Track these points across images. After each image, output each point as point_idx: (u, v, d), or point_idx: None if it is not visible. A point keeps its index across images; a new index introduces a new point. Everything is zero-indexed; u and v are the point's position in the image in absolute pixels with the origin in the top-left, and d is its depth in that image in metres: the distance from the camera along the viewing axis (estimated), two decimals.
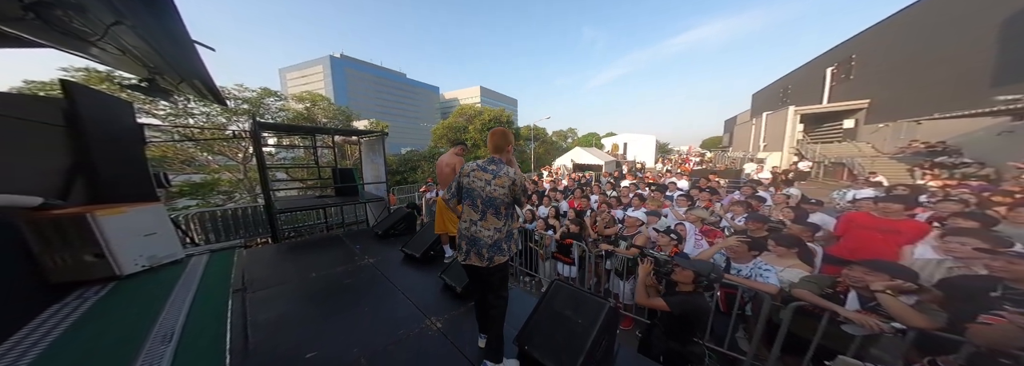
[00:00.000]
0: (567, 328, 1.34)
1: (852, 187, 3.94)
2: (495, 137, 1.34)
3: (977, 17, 8.00)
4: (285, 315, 1.83)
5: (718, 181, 5.15)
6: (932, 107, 8.02)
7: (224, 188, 7.84)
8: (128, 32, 1.30)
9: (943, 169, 6.66)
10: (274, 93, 9.72)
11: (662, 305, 1.51)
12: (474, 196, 1.30)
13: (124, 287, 1.71)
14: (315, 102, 11.28)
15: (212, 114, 8.00)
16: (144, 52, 1.58)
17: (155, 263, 1.95)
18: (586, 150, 16.95)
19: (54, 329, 1.29)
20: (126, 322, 1.37)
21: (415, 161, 16.61)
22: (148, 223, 1.93)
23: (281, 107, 9.96)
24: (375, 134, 4.72)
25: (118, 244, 1.74)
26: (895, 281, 1.29)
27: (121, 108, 2.45)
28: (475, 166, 1.32)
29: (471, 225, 1.29)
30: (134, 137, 2.47)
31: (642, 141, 22.70)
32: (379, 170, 4.80)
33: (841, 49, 13.72)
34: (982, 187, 3.41)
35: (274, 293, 2.11)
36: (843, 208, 3.24)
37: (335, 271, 2.51)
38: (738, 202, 2.85)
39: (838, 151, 11.43)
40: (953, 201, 2.27)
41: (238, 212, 4.50)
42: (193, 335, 1.31)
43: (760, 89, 22.82)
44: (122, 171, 2.25)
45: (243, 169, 8.57)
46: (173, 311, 1.48)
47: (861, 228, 2.10)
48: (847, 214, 2.40)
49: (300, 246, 3.42)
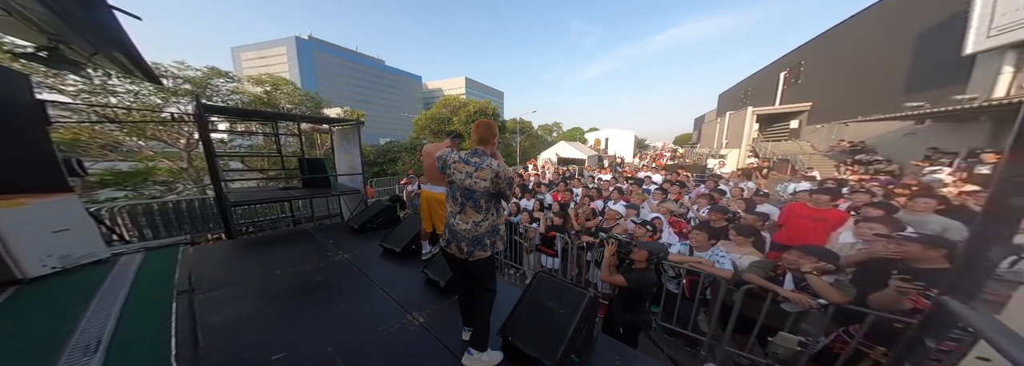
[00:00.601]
0: (550, 318, 1.38)
1: (792, 181, 4.50)
2: (480, 129, 1.29)
3: (894, 33, 9.30)
4: (244, 316, 1.67)
5: (687, 175, 5.58)
6: (858, 111, 9.30)
7: (162, 178, 6.72)
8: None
9: (860, 165, 7.88)
10: (225, 73, 8.40)
11: (621, 281, 1.73)
12: (454, 188, 1.26)
13: (29, 292, 1.44)
14: (277, 86, 10.02)
15: (142, 93, 6.73)
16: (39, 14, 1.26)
17: (69, 264, 1.66)
18: (571, 144, 17.32)
19: None
20: (34, 331, 1.15)
21: (395, 152, 15.79)
22: (57, 217, 1.62)
23: (234, 89, 8.67)
24: (349, 123, 4.34)
25: (18, 242, 1.45)
26: (819, 263, 1.50)
27: (11, 80, 1.95)
28: (457, 157, 1.27)
29: (451, 217, 1.29)
30: (31, 116, 2.00)
31: (622, 136, 23.76)
32: (354, 161, 4.47)
33: (793, 55, 15.27)
34: (888, 181, 4.08)
35: (230, 293, 1.92)
36: (785, 200, 3.69)
37: (304, 268, 2.34)
38: (703, 195, 3.12)
39: (784, 149, 12.94)
40: (863, 193, 2.71)
41: (181, 205, 3.96)
42: (126, 343, 1.15)
43: (725, 90, 24.78)
44: (15, 155, 1.84)
45: (187, 157, 7.44)
46: (98, 317, 1.28)
47: (798, 217, 2.43)
48: (788, 205, 2.76)
49: (261, 242, 3.12)
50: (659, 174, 6.32)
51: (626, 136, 23.89)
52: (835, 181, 3.83)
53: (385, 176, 11.84)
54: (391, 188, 9.35)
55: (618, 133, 24.28)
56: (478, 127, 1.30)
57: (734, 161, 12.71)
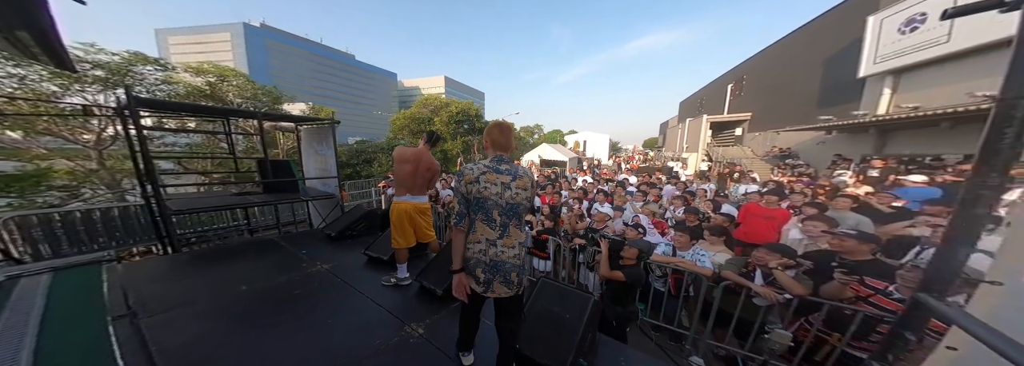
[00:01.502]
0: (555, 323, 1.39)
1: (741, 182, 5.20)
2: (504, 132, 1.11)
3: (810, 55, 11.44)
4: (211, 337, 1.44)
5: (660, 178, 6.12)
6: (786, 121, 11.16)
7: (61, 181, 5.32)
8: None
9: (787, 168, 9.43)
10: (154, 60, 6.98)
11: (619, 276, 1.87)
12: (488, 207, 1.03)
13: None
14: (224, 77, 8.66)
15: (30, 78, 5.32)
16: None
17: None
18: (553, 146, 17.89)
19: None
20: None
21: (370, 153, 14.70)
22: None
23: (164, 79, 7.26)
24: (323, 122, 3.95)
25: None
26: (783, 259, 1.68)
27: None
28: (484, 168, 1.05)
29: (489, 246, 1.03)
30: None
31: (598, 139, 25.15)
32: (327, 163, 4.07)
33: (738, 70, 17.84)
34: (808, 182, 4.92)
35: (183, 314, 1.63)
36: (737, 200, 4.26)
37: (278, 281, 2.07)
38: (677, 197, 3.46)
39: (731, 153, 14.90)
40: (799, 194, 3.23)
41: (94, 214, 3.23)
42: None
43: (685, 98, 27.80)
44: None
45: (97, 156, 6.02)
46: (5, 350, 0.99)
47: (753, 216, 2.77)
48: (745, 205, 3.17)
49: (212, 254, 2.70)
50: (633, 176, 6.83)
51: (602, 139, 25.37)
52: (776, 183, 4.51)
53: (358, 178, 10.94)
54: (366, 191, 8.68)
55: (595, 136, 25.68)
56: (500, 130, 1.12)
57: (692, 164, 14.25)
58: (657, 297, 2.25)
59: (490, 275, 1.03)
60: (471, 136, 18.22)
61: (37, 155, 5.42)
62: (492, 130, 1.15)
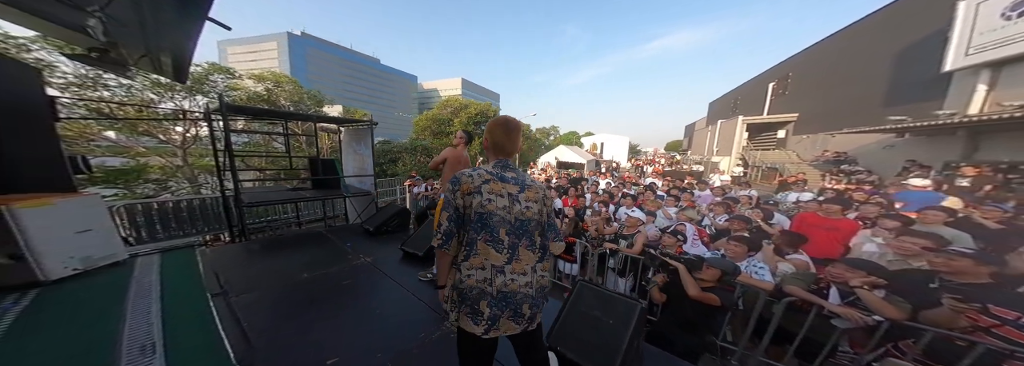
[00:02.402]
0: (597, 328, 1.37)
1: (792, 189, 4.70)
2: (510, 133, 0.89)
3: (877, 48, 9.94)
4: (286, 320, 1.62)
5: (691, 182, 5.75)
6: (843, 122, 9.86)
7: (155, 176, 6.41)
8: (125, 5, 0.99)
9: (842, 175, 8.31)
10: (226, 69, 8.19)
11: (714, 299, 1.58)
12: (494, 225, 0.81)
13: (52, 295, 1.36)
14: (279, 83, 9.81)
15: (135, 87, 6.45)
16: (127, 24, 1.21)
17: (90, 266, 1.58)
18: (570, 148, 17.62)
19: None
20: (74, 335, 1.09)
21: (395, 152, 15.57)
22: (81, 217, 1.55)
23: (232, 86, 8.43)
24: (363, 124, 4.29)
25: (43, 243, 1.37)
26: (870, 277, 1.46)
27: (27, 75, 1.87)
28: (486, 175, 0.84)
29: (496, 274, 0.81)
30: (43, 112, 1.91)
31: (617, 142, 24.30)
32: (364, 162, 4.40)
33: (782, 67, 16.14)
34: (871, 191, 4.30)
35: (262, 296, 1.85)
36: (788, 209, 3.85)
37: (330, 271, 2.27)
38: (718, 203, 3.22)
39: (773, 157, 13.54)
40: (873, 204, 2.77)
41: (181, 204, 3.78)
42: (180, 344, 1.10)
43: (716, 98, 25.83)
44: (31, 153, 1.75)
45: (183, 154, 7.13)
46: (139, 320, 1.22)
47: (810, 226, 2.49)
48: (800, 214, 2.83)
49: (274, 244, 3.01)
50: (659, 180, 6.49)
51: (621, 141, 24.47)
52: (834, 191, 4.01)
53: (386, 177, 11.64)
54: (392, 189, 9.18)
55: (613, 138, 24.86)
56: (505, 130, 0.88)
57: (726, 168, 13.18)
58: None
59: (497, 310, 0.81)
60: None
61: (138, 153, 6.56)
62: (494, 128, 0.90)
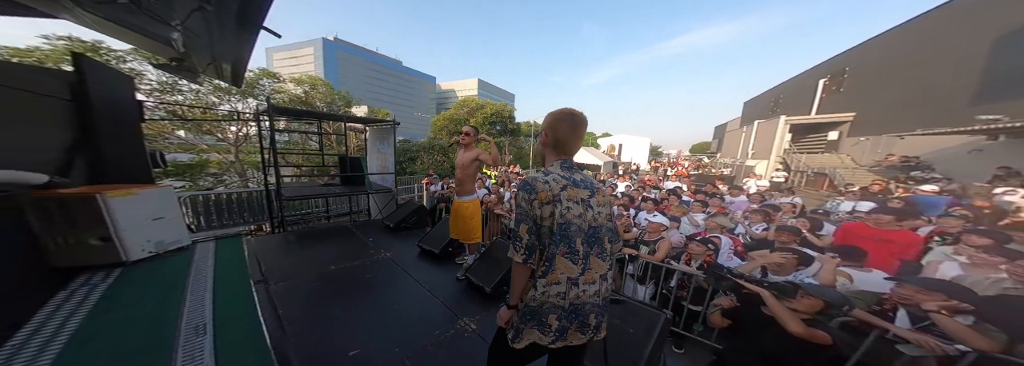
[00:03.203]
0: (616, 337, 1.31)
1: (844, 197, 4.14)
2: (577, 129, 0.80)
3: (960, 36, 8.44)
4: (314, 309, 1.74)
5: (721, 187, 5.31)
6: (914, 123, 8.49)
7: (213, 170, 7.40)
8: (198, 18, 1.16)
9: (911, 182, 7.12)
10: (273, 74, 9.22)
11: (826, 338, 1.18)
12: (572, 235, 0.75)
13: (132, 274, 1.58)
14: (315, 86, 10.75)
15: (202, 92, 7.47)
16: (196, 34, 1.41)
17: (161, 249, 1.82)
18: (586, 149, 17.20)
19: (71, 318, 1.17)
20: (147, 312, 1.26)
21: (413, 151, 16.27)
22: (157, 206, 1.79)
23: (277, 89, 9.42)
24: (387, 123, 4.53)
25: (127, 228, 1.60)
26: (951, 301, 1.24)
27: (123, 83, 2.23)
28: (561, 180, 0.77)
29: (570, 287, 0.75)
30: (133, 114, 2.26)
31: (636, 143, 23.28)
32: (387, 160, 4.63)
33: (836, 61, 14.28)
34: (952, 201, 3.64)
35: (296, 285, 2.00)
36: (841, 218, 3.40)
37: (354, 264, 2.41)
38: (756, 211, 2.93)
39: (821, 162, 12.05)
40: (954, 217, 2.36)
41: (231, 197, 4.25)
42: (225, 327, 1.23)
43: (752, 97, 23.60)
44: (122, 150, 2.06)
45: (235, 151, 8.12)
46: (195, 302, 1.38)
47: (857, 238, 2.18)
48: (845, 224, 2.49)
49: (307, 235, 3.27)
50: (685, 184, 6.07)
51: (641, 142, 23.39)
52: (898, 200, 3.46)
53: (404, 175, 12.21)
54: (410, 187, 9.56)
55: (632, 139, 23.85)
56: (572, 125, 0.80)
57: (764, 172, 11.99)
58: None
59: (566, 323, 0.76)
60: (503, 137, 18.64)
61: (201, 149, 7.57)
62: (558, 123, 0.80)
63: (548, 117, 0.83)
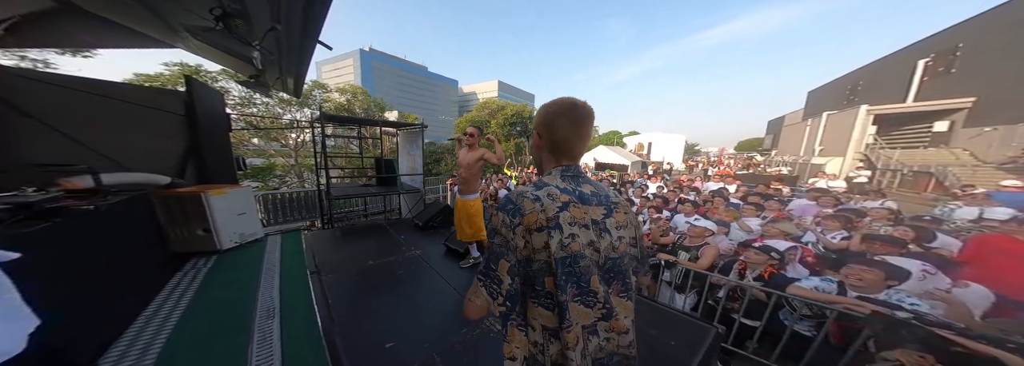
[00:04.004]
0: (651, 347, 1.22)
1: (962, 201, 3.25)
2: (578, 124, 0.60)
3: None
4: (356, 301, 1.88)
5: (779, 188, 4.57)
6: None
7: (278, 172, 8.79)
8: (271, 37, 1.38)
9: None
10: (322, 85, 10.61)
11: None
12: (581, 271, 0.55)
13: (224, 261, 1.90)
14: (355, 94, 12.05)
15: (271, 104, 8.90)
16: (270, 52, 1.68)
17: (244, 240, 2.15)
18: (610, 148, 16.33)
19: (185, 295, 1.45)
20: (232, 295, 1.51)
21: (438, 153, 17.15)
22: (241, 203, 2.13)
23: (325, 98, 10.81)
24: (416, 127, 4.83)
25: (222, 221, 1.94)
26: None
27: (217, 99, 2.74)
28: (560, 194, 0.57)
29: (589, 335, 0.56)
30: (224, 125, 2.75)
31: (669, 141, 21.41)
32: (416, 162, 4.93)
33: (941, 38, 11.43)
34: None
35: (341, 278, 2.19)
36: (961, 228, 2.67)
37: (388, 261, 2.57)
38: (832, 216, 2.46)
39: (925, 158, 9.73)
40: None
41: (292, 195, 4.90)
42: (288, 312, 1.41)
43: (819, 86, 20.05)
44: (217, 155, 2.52)
45: (294, 155, 9.50)
46: (267, 288, 1.60)
47: (1000, 254, 1.70)
48: (978, 236, 1.97)
49: (349, 232, 3.58)
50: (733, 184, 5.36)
51: (674, 140, 21.40)
52: None
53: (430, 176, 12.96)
54: (436, 187, 10.04)
55: (664, 137, 21.96)
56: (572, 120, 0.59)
57: (834, 171, 10.08)
58: (797, 343, 1.58)
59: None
60: (524, 138, 18.58)
61: (269, 154, 9.01)
62: (555, 119, 0.60)
63: (541, 111, 0.62)
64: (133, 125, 1.88)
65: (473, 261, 2.37)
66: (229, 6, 1.16)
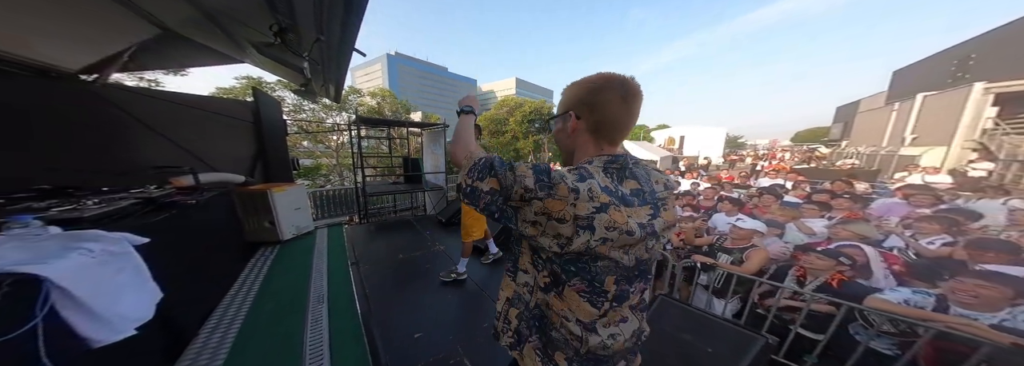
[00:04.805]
0: (686, 353, 1.14)
1: None
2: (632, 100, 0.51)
3: None
4: (388, 292, 2.03)
5: (861, 185, 3.83)
6: None
7: (323, 172, 9.90)
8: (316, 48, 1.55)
9: None
10: (357, 91, 11.66)
11: None
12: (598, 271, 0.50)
13: (284, 251, 2.20)
14: (384, 97, 12.99)
15: (316, 109, 10.02)
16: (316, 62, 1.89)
17: (299, 232, 2.47)
18: (637, 144, 15.15)
19: (256, 279, 1.72)
20: (291, 282, 1.74)
21: None
22: (297, 199, 2.44)
23: (359, 102, 11.84)
24: (437, 126, 5.05)
25: (283, 215, 2.24)
26: None
27: (276, 107, 3.14)
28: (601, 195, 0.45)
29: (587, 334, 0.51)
30: (282, 130, 3.15)
31: (706, 134, 19.24)
32: (439, 160, 5.17)
33: None
34: None
35: (375, 270, 2.38)
36: None
37: (416, 255, 2.73)
38: (931, 217, 2.00)
39: None
40: None
41: (335, 192, 5.45)
42: (335, 299, 1.58)
43: (908, 65, 16.32)
44: (277, 157, 2.90)
45: (336, 156, 10.60)
46: (317, 276, 1.81)
47: None
48: None
49: (383, 227, 3.88)
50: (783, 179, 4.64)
51: (713, 134, 19.17)
52: None
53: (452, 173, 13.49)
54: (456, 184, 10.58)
55: (700, 130, 19.74)
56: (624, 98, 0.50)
57: (931, 163, 8.20)
58: (872, 360, 1.35)
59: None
60: (543, 134, 18.22)
61: (317, 155, 10.15)
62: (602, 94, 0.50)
63: (578, 89, 0.51)
64: (218, 131, 2.26)
65: (492, 257, 2.42)
66: (283, 21, 1.32)
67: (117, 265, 0.88)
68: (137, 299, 0.92)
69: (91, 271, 0.79)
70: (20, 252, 0.75)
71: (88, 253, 0.81)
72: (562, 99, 0.56)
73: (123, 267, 0.89)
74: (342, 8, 1.11)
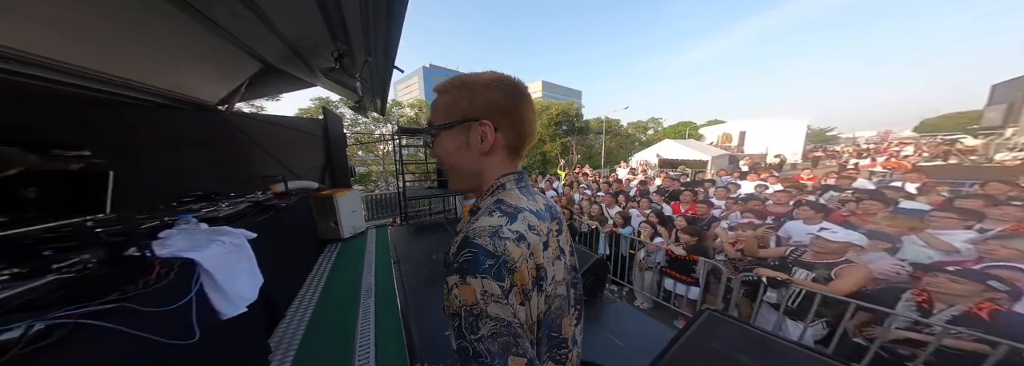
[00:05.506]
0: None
1: None
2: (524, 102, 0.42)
3: None
4: (423, 290, 2.15)
5: None
6: None
7: (374, 178, 11.28)
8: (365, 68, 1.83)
9: None
10: (399, 103, 13.11)
11: None
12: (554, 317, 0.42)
13: (344, 248, 2.55)
14: (421, 108, 14.30)
15: (367, 123, 11.52)
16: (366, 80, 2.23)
17: (354, 232, 2.84)
18: (679, 142, 13.32)
19: (324, 272, 2.04)
20: (348, 276, 2.01)
21: None
22: (353, 203, 2.83)
23: (400, 114, 13.26)
24: None
25: (344, 216, 2.63)
26: None
27: (338, 122, 3.73)
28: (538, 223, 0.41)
29: None
30: (343, 142, 3.70)
31: (777, 127, 15.98)
32: None
33: None
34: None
35: (413, 269, 2.55)
36: None
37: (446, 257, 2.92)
38: None
39: None
40: None
41: (382, 197, 6.09)
42: (381, 294, 1.78)
43: None
44: (340, 165, 3.40)
45: (382, 163, 11.97)
46: (367, 272, 2.06)
47: None
48: None
49: (420, 228, 4.18)
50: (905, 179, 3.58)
51: (791, 127, 15.84)
52: None
53: None
54: None
55: (768, 123, 16.61)
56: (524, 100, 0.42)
57: None
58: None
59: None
60: (570, 137, 17.70)
61: (368, 163, 11.62)
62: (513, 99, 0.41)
63: (486, 88, 0.40)
64: (300, 145, 2.78)
65: None
66: (341, 48, 1.60)
67: (238, 255, 1.14)
68: (249, 283, 1.16)
69: (224, 258, 1.04)
70: (183, 242, 1.03)
71: (222, 244, 1.07)
72: (452, 102, 0.41)
73: (242, 257, 1.15)
74: (383, 32, 1.30)
